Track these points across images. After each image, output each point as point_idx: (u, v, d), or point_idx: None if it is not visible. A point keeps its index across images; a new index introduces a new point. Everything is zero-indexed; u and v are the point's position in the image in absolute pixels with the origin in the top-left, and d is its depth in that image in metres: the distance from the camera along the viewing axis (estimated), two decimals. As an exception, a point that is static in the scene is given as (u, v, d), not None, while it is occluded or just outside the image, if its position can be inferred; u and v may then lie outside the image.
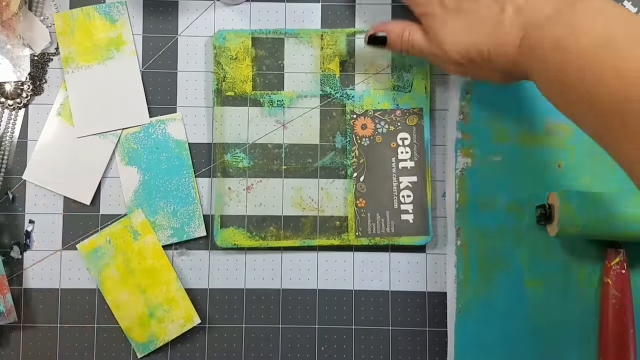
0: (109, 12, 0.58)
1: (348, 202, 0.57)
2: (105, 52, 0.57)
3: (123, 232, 0.57)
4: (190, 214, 0.57)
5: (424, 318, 0.57)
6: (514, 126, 0.57)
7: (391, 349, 0.57)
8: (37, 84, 0.58)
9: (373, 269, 0.58)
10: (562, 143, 0.57)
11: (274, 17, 0.59)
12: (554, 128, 0.57)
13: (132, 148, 0.57)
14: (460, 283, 0.56)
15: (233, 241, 0.57)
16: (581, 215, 0.52)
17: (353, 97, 0.58)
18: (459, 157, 0.57)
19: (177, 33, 0.59)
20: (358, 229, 0.57)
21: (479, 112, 0.57)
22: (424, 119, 0.57)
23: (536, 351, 0.55)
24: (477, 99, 0.57)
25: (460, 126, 0.57)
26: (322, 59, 0.58)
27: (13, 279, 0.57)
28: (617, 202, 0.52)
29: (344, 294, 0.58)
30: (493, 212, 0.56)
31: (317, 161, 0.58)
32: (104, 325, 0.57)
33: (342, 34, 0.58)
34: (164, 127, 0.58)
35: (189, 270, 0.57)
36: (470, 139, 0.57)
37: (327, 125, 0.58)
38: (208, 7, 0.59)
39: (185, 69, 0.58)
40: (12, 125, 0.58)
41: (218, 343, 0.57)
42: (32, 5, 0.58)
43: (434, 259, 0.58)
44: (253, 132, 0.58)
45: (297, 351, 0.57)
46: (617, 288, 0.53)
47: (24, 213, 0.57)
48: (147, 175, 0.57)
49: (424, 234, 0.57)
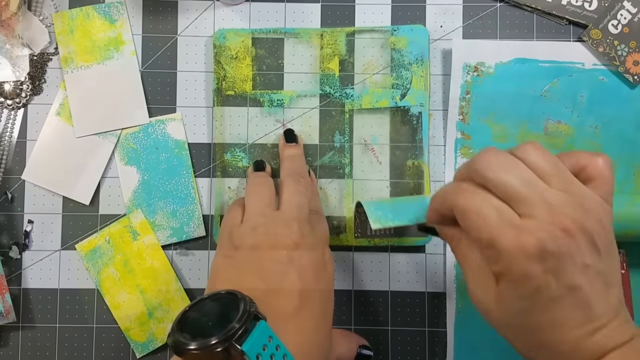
0: (109, 12, 0.58)
1: (346, 203, 0.57)
2: (104, 52, 0.57)
3: (122, 232, 0.56)
4: (190, 214, 0.57)
5: (423, 318, 0.57)
6: (513, 126, 0.57)
7: (391, 349, 0.57)
8: (37, 83, 0.58)
9: (373, 269, 0.57)
10: (562, 143, 0.57)
11: (274, 17, 0.59)
12: (553, 128, 0.57)
13: (131, 148, 0.57)
14: (461, 283, 0.56)
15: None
16: None
17: (352, 96, 0.58)
18: (459, 157, 0.57)
19: (177, 33, 0.59)
20: (357, 229, 0.57)
21: (479, 112, 0.57)
22: (422, 119, 0.57)
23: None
24: (477, 99, 0.57)
25: (460, 126, 0.57)
26: (321, 59, 0.58)
27: (12, 279, 0.57)
28: (616, 202, 0.52)
29: (344, 294, 0.57)
30: None
31: (316, 160, 0.58)
32: (103, 325, 0.57)
33: (341, 33, 0.58)
34: (163, 127, 0.57)
35: (188, 270, 0.57)
36: (470, 139, 0.57)
37: (326, 125, 0.58)
38: (208, 7, 0.59)
39: (184, 69, 0.58)
40: (11, 125, 0.57)
41: (217, 343, 0.57)
42: (32, 5, 0.58)
43: (434, 259, 0.58)
44: (253, 131, 0.58)
45: (296, 351, 0.57)
46: None
47: (23, 213, 0.57)
48: (147, 175, 0.57)
49: (423, 235, 0.57)
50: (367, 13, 0.59)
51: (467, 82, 0.57)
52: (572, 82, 0.57)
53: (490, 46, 0.58)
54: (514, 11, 0.59)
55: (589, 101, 0.57)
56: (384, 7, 0.59)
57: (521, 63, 0.57)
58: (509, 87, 0.57)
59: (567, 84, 0.57)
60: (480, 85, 0.57)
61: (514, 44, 0.58)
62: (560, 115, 0.57)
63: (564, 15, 0.58)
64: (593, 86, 0.57)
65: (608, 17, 0.57)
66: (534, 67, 0.57)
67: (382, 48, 0.58)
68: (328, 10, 0.59)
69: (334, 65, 0.58)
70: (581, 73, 0.57)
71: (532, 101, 0.57)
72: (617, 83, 0.57)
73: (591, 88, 0.57)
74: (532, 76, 0.57)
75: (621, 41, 0.57)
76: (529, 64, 0.57)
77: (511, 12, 0.59)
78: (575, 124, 0.57)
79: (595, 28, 0.57)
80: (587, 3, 0.57)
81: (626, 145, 0.57)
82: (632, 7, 0.57)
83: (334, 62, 0.58)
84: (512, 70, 0.57)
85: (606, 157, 0.38)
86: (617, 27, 0.57)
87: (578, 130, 0.57)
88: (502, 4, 0.59)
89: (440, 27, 0.58)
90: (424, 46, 0.57)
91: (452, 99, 0.58)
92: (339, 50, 0.58)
